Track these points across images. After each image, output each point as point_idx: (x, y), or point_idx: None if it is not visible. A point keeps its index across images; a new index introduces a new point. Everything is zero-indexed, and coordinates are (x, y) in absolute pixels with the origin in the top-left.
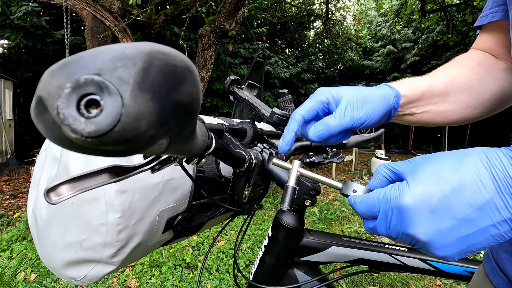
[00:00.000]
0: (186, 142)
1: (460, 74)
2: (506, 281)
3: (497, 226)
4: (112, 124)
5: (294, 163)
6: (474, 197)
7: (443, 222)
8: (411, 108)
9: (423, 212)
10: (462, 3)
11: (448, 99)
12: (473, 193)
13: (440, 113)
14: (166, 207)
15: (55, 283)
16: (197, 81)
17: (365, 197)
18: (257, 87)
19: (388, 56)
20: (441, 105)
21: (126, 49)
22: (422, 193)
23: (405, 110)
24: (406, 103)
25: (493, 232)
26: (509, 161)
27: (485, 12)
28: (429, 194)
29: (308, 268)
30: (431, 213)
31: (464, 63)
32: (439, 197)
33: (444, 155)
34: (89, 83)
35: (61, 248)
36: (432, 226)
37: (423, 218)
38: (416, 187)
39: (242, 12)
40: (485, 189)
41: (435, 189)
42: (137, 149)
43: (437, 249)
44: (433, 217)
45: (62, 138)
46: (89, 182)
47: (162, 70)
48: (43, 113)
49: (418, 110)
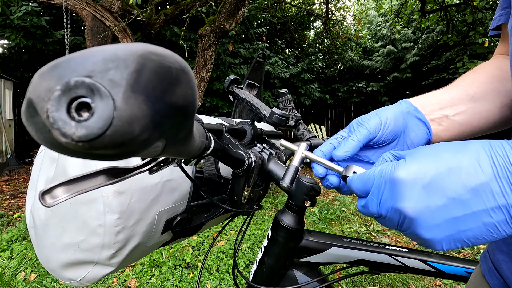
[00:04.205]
0: (183, 144)
1: (477, 79)
2: (502, 282)
3: (491, 212)
4: (104, 128)
5: (300, 145)
6: (470, 178)
7: (434, 199)
8: (441, 111)
9: (416, 187)
10: (462, 3)
11: (476, 100)
12: (469, 174)
13: (477, 114)
14: (164, 208)
15: (55, 283)
16: (192, 83)
17: (362, 174)
18: (257, 87)
19: (388, 56)
20: (472, 105)
21: (117, 51)
22: (418, 168)
23: (435, 114)
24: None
25: (486, 220)
26: (511, 146)
27: (495, 16)
28: (424, 169)
29: (308, 269)
30: (423, 188)
31: (479, 69)
32: (434, 173)
33: (448, 143)
34: (79, 86)
35: (59, 249)
36: (422, 201)
37: (415, 192)
38: (412, 163)
39: (242, 12)
40: (482, 172)
41: (431, 166)
42: (131, 152)
43: (424, 229)
44: (425, 192)
45: (53, 141)
46: (85, 184)
47: (156, 72)
48: (33, 116)
49: (451, 112)
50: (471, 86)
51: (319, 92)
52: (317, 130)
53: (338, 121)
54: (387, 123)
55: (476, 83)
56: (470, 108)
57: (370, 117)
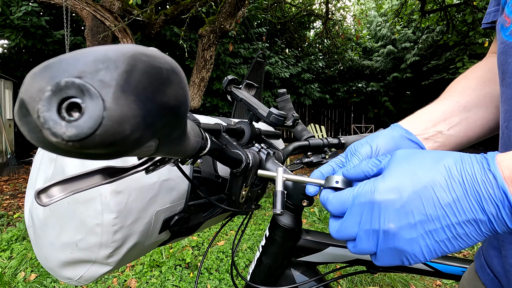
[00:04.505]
0: (177, 144)
1: (468, 86)
2: (492, 277)
3: (462, 225)
4: (94, 128)
5: (278, 170)
6: (443, 196)
7: (413, 216)
8: (434, 128)
9: (395, 205)
10: (462, 3)
11: (469, 109)
12: (442, 192)
13: (472, 123)
14: (162, 207)
15: (55, 283)
16: (183, 83)
17: (338, 194)
18: (255, 87)
19: (388, 56)
20: (466, 115)
21: (108, 52)
22: (395, 187)
23: (428, 132)
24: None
25: (459, 231)
26: (480, 167)
27: (489, 9)
28: (401, 189)
29: (305, 269)
30: (401, 207)
31: (470, 74)
32: (410, 192)
33: (423, 155)
34: (70, 86)
35: (57, 248)
36: (402, 220)
37: (394, 211)
38: (390, 183)
39: (242, 12)
40: (454, 191)
41: (407, 185)
42: (123, 152)
43: (405, 242)
44: (404, 211)
45: (45, 141)
46: (82, 183)
47: (146, 73)
48: (26, 116)
49: (445, 127)
50: (462, 95)
51: (319, 92)
52: (317, 130)
53: (338, 121)
54: (377, 151)
55: (467, 90)
56: (464, 119)
57: (362, 145)
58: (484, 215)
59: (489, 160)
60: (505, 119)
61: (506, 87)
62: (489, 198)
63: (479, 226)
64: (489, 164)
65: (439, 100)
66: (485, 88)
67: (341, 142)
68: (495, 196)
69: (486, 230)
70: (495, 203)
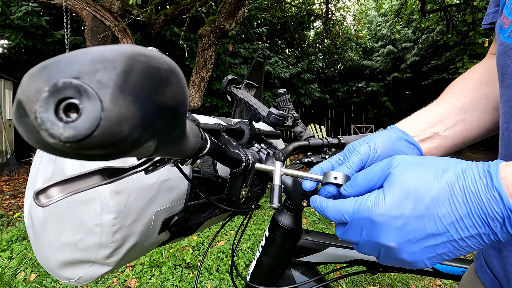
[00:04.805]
0: (176, 144)
1: (465, 88)
2: (492, 277)
3: (465, 240)
4: (91, 129)
5: (276, 164)
6: (446, 215)
7: (414, 234)
8: (431, 129)
9: (396, 224)
10: (462, 3)
11: (465, 111)
12: (445, 211)
13: (468, 125)
14: (162, 207)
15: (55, 283)
16: (182, 83)
17: (338, 203)
18: (255, 87)
19: (388, 56)
20: (462, 117)
21: (105, 52)
22: (396, 207)
23: (425, 133)
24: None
25: (462, 244)
26: (483, 184)
27: (489, 10)
28: (403, 208)
29: (305, 269)
30: (403, 225)
31: (469, 75)
32: (411, 211)
33: (424, 168)
34: (67, 87)
35: (57, 248)
36: (403, 237)
37: (396, 230)
38: (391, 201)
39: (242, 12)
40: (457, 211)
41: (409, 205)
42: (122, 152)
43: (406, 254)
44: (405, 229)
45: (42, 142)
46: (80, 184)
47: (144, 73)
48: (23, 116)
49: (441, 128)
50: (459, 97)
51: (319, 92)
52: (317, 130)
53: (338, 121)
54: (375, 149)
55: (464, 92)
56: (460, 121)
57: (360, 144)
58: (488, 229)
59: (493, 175)
60: (505, 120)
61: (506, 89)
62: (494, 216)
63: (482, 238)
64: (493, 179)
65: (436, 102)
66: (482, 90)
67: (341, 142)
68: (501, 213)
69: (489, 240)
70: (501, 220)
